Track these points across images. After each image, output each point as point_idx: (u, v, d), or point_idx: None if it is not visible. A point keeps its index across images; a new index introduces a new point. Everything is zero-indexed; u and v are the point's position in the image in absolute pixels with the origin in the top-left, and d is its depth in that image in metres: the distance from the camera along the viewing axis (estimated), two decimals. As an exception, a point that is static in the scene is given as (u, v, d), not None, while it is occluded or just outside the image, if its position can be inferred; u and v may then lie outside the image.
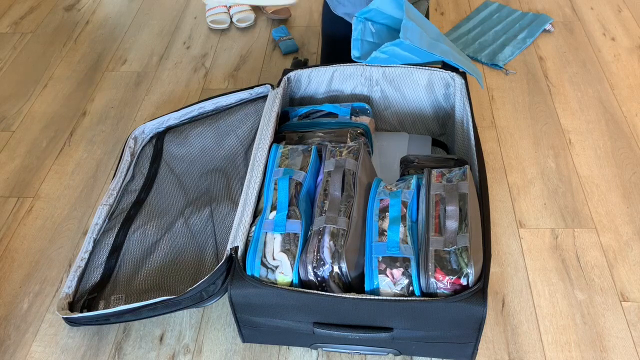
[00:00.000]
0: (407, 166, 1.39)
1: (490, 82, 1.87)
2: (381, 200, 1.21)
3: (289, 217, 1.19)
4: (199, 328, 1.29)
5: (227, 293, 1.12)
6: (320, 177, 1.29)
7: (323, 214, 1.18)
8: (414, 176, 1.26)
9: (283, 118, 1.55)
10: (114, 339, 1.28)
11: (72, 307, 1.29)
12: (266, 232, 1.18)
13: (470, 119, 1.38)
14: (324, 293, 1.08)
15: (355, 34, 1.51)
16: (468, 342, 1.12)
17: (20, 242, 1.49)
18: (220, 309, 1.33)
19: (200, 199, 1.46)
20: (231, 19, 2.20)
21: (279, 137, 1.46)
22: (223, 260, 1.15)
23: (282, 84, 1.52)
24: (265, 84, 1.61)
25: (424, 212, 1.17)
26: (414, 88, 1.55)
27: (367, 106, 1.53)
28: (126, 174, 1.55)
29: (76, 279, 1.32)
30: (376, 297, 1.06)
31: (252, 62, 2.03)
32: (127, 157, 1.57)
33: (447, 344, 1.13)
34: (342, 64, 1.54)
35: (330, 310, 1.09)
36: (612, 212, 1.47)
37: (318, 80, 1.58)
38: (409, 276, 1.09)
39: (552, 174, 1.58)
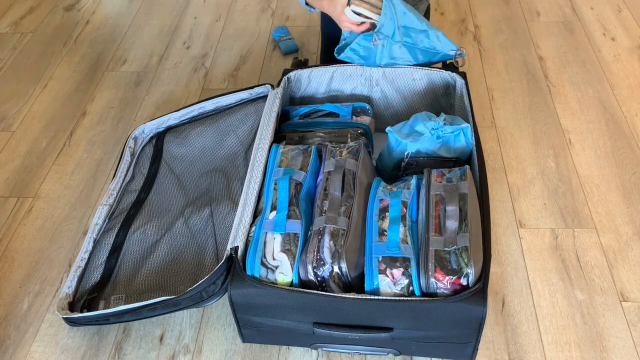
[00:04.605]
0: (407, 167, 1.39)
1: (490, 82, 1.87)
2: (381, 200, 1.21)
3: (289, 217, 1.19)
4: (199, 328, 1.29)
5: (227, 293, 1.12)
6: (320, 177, 1.29)
7: (323, 214, 1.18)
8: (414, 176, 1.26)
9: (284, 117, 1.55)
10: (114, 339, 1.28)
11: (72, 307, 1.29)
12: (266, 232, 1.18)
13: (470, 119, 1.38)
14: (324, 293, 1.08)
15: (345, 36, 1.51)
16: (468, 342, 1.12)
17: (20, 242, 1.49)
18: (220, 309, 1.33)
19: (200, 199, 1.46)
20: None
21: (279, 137, 1.46)
22: (223, 260, 1.15)
23: (282, 84, 1.52)
24: (265, 84, 1.61)
25: (424, 212, 1.17)
26: (414, 88, 1.55)
27: (367, 106, 1.53)
28: (126, 174, 1.55)
29: (76, 279, 1.32)
30: (376, 297, 1.06)
31: (252, 62, 2.03)
32: (127, 157, 1.57)
33: (447, 344, 1.13)
34: (342, 64, 1.54)
35: (330, 310, 1.09)
36: (612, 212, 1.47)
37: (318, 80, 1.58)
38: (409, 276, 1.09)
39: (552, 174, 1.58)
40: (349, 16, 1.39)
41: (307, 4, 1.49)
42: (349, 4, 1.37)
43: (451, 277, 1.06)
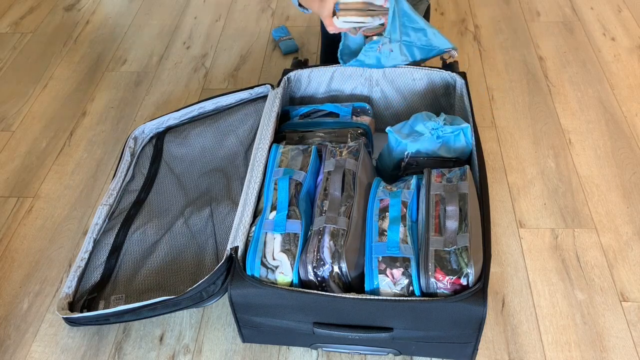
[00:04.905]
0: (407, 167, 1.39)
1: (490, 82, 1.87)
2: (381, 200, 1.21)
3: (289, 217, 1.19)
4: (199, 328, 1.29)
5: (227, 293, 1.12)
6: (320, 177, 1.29)
7: (323, 214, 1.18)
8: (414, 176, 1.26)
9: (284, 117, 1.55)
10: (114, 339, 1.28)
11: (72, 307, 1.29)
12: (266, 232, 1.18)
13: (470, 119, 1.38)
14: (324, 293, 1.08)
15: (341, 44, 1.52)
16: (468, 342, 1.12)
17: (20, 242, 1.49)
18: (220, 309, 1.33)
19: (200, 199, 1.46)
20: None
21: (279, 136, 1.46)
22: (223, 260, 1.15)
23: (282, 84, 1.52)
24: (265, 84, 1.61)
25: (424, 212, 1.17)
26: (414, 88, 1.55)
27: (367, 106, 1.53)
28: (126, 174, 1.55)
29: (76, 279, 1.32)
30: (376, 297, 1.06)
31: (252, 62, 2.03)
32: (127, 157, 1.57)
33: (447, 344, 1.13)
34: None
35: (330, 310, 1.09)
36: (612, 212, 1.47)
37: (318, 80, 1.58)
38: (409, 276, 1.09)
39: (552, 174, 1.58)
40: (340, 26, 1.39)
41: (300, 5, 1.50)
42: (335, 14, 1.37)
43: (451, 277, 1.06)
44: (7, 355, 1.26)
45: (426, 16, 1.70)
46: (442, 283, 1.06)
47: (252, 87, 1.63)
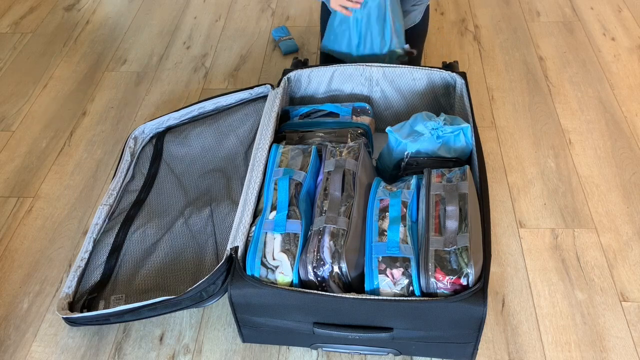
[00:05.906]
0: (407, 167, 1.39)
1: (490, 82, 1.87)
2: (381, 200, 1.21)
3: (289, 217, 1.19)
4: (199, 328, 1.29)
5: (227, 293, 1.12)
6: (320, 177, 1.28)
7: (323, 214, 1.18)
8: (414, 176, 1.26)
9: (284, 117, 1.55)
10: (114, 339, 1.28)
11: (72, 307, 1.29)
12: (266, 232, 1.18)
13: (470, 119, 1.38)
14: (324, 293, 1.08)
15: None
16: (468, 342, 1.12)
17: (20, 242, 1.49)
18: (220, 309, 1.33)
19: (200, 199, 1.46)
20: None
21: (279, 137, 1.46)
22: (223, 260, 1.15)
23: (282, 84, 1.52)
24: (265, 84, 1.61)
25: (424, 212, 1.17)
26: (414, 88, 1.55)
27: (367, 106, 1.53)
28: (126, 174, 1.55)
29: (76, 279, 1.32)
30: (376, 297, 1.06)
31: (252, 62, 2.03)
32: (127, 157, 1.57)
33: (447, 344, 1.13)
34: (342, 64, 1.54)
35: (330, 310, 1.09)
36: (612, 212, 1.47)
37: (318, 80, 1.58)
38: (409, 276, 1.09)
39: (552, 174, 1.58)
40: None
41: None
42: None
43: (451, 277, 1.06)
44: (7, 355, 1.26)
45: (425, 16, 1.70)
46: (442, 283, 1.06)
47: (252, 87, 1.63)
